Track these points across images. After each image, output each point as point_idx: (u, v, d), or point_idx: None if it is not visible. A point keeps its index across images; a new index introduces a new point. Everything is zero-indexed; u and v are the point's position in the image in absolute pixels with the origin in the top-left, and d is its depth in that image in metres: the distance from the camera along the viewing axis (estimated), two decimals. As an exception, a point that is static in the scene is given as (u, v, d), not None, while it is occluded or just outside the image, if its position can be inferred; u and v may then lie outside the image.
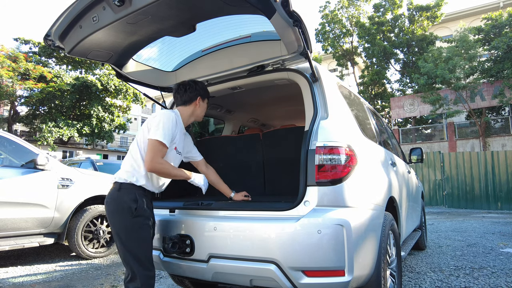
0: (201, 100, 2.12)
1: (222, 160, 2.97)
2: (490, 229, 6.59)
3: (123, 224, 1.79)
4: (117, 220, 1.80)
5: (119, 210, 1.79)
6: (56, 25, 1.89)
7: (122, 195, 1.81)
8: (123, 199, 1.80)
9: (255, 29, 2.22)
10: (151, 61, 2.59)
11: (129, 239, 1.78)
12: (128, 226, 1.78)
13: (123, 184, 1.84)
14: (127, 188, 1.83)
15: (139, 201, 1.81)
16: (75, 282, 3.26)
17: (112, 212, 1.82)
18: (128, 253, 1.77)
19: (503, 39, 15.65)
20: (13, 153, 3.97)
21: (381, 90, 24.85)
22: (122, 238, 1.78)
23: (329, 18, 24.06)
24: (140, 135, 1.93)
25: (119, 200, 1.80)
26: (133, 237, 1.78)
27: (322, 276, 1.66)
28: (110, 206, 1.83)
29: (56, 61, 22.67)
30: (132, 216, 1.78)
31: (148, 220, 1.85)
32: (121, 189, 1.83)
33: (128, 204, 1.78)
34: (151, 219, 1.89)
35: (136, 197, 1.81)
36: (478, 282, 3.11)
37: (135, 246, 1.78)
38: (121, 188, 1.83)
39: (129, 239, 1.78)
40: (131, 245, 1.78)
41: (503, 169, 10.79)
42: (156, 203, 2.38)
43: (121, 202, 1.79)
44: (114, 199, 1.82)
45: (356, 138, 2.09)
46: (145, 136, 1.88)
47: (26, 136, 26.63)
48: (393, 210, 2.50)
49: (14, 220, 3.58)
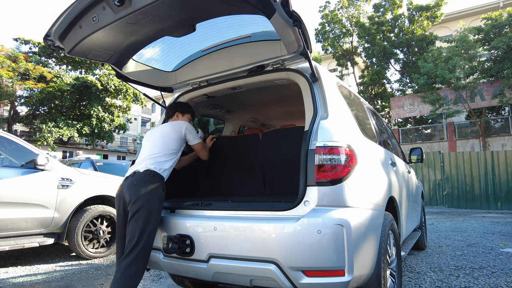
0: (180, 115, 2.58)
1: (222, 160, 2.97)
2: (490, 229, 6.59)
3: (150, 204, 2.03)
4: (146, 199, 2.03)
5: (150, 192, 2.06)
6: (56, 25, 1.89)
7: (155, 180, 2.12)
8: (156, 184, 2.11)
9: (255, 29, 2.22)
10: (151, 61, 2.59)
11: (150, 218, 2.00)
12: (153, 208, 2.03)
13: (156, 173, 2.15)
14: (159, 177, 2.16)
15: (164, 190, 2.17)
16: (75, 282, 3.26)
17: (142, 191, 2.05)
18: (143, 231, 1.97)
19: (503, 39, 15.64)
20: (13, 153, 3.97)
21: (381, 90, 24.86)
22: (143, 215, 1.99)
23: (329, 18, 24.06)
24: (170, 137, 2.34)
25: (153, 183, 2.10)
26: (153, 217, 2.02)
27: (322, 276, 1.66)
28: (140, 187, 2.07)
29: (56, 61, 22.67)
30: (159, 199, 2.09)
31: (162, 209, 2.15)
32: (154, 176, 2.13)
33: (159, 190, 2.11)
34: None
35: (164, 186, 2.17)
36: (478, 282, 3.11)
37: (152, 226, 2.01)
38: (155, 175, 2.14)
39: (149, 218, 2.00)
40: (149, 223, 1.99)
41: (503, 169, 10.79)
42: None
43: (154, 186, 2.09)
44: (147, 182, 2.09)
45: (356, 138, 2.09)
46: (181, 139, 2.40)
47: (26, 136, 26.62)
48: (393, 210, 2.50)
49: (14, 220, 3.58)
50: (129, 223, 2.01)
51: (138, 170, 2.16)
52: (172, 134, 2.36)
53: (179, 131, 2.38)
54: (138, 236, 1.94)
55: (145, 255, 1.98)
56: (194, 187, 3.06)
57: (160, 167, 2.19)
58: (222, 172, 2.85)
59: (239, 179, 2.88)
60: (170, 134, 2.36)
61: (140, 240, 1.94)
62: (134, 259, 1.92)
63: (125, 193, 2.10)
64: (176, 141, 2.35)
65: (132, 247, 1.94)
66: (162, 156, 2.25)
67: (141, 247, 1.94)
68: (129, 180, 2.13)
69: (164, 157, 2.25)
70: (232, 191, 2.87)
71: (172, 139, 2.34)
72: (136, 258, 1.92)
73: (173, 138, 2.34)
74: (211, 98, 2.85)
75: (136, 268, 1.92)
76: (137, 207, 2.00)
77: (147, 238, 1.97)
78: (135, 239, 1.94)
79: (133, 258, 1.92)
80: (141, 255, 1.94)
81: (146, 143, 2.39)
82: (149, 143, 2.37)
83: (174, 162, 2.32)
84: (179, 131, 2.39)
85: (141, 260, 1.95)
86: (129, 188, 2.09)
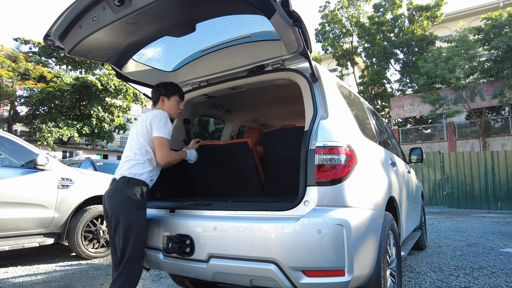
0: (166, 99, 2.25)
1: (221, 160, 2.97)
2: (490, 229, 6.59)
3: (128, 216, 1.93)
4: (122, 211, 1.93)
5: (126, 203, 1.94)
6: (56, 25, 1.89)
7: (130, 188, 1.97)
8: (132, 192, 1.96)
9: (255, 29, 2.22)
10: (151, 61, 2.59)
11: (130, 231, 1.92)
12: (132, 219, 1.94)
13: (132, 179, 1.99)
14: (136, 183, 2.00)
15: (144, 195, 2.02)
16: (75, 282, 3.26)
17: (117, 203, 1.95)
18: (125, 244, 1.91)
19: (503, 39, 15.65)
20: (13, 153, 3.97)
21: (381, 90, 24.86)
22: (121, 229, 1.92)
23: (329, 18, 24.06)
24: (140, 133, 2.10)
25: (128, 192, 1.95)
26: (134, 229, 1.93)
27: (322, 276, 1.66)
28: (115, 198, 1.96)
29: (56, 61, 22.67)
30: (136, 208, 1.95)
31: (145, 214, 2.05)
32: (130, 183, 1.98)
33: (136, 198, 1.96)
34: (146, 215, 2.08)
35: (142, 191, 2.01)
36: (478, 282, 3.11)
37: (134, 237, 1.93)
38: (130, 182, 1.98)
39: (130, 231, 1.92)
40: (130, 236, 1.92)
41: (503, 169, 10.79)
42: (156, 203, 2.38)
43: (130, 195, 1.95)
44: (122, 191, 1.96)
45: (356, 138, 2.09)
46: (149, 134, 2.08)
47: (26, 136, 26.61)
48: (393, 210, 2.50)
49: (14, 220, 3.58)
50: (114, 235, 1.97)
51: (116, 177, 2.06)
52: (141, 129, 2.10)
53: (146, 123, 2.10)
54: (121, 251, 1.91)
55: (133, 267, 1.93)
56: (194, 187, 3.06)
57: (136, 171, 2.01)
58: (221, 172, 2.85)
59: (239, 179, 2.88)
60: (140, 129, 2.11)
61: (124, 254, 1.91)
62: (121, 272, 1.90)
63: (106, 204, 2.03)
64: (146, 136, 2.08)
65: (118, 261, 1.92)
66: (137, 157, 2.05)
67: (126, 261, 1.90)
68: (107, 191, 2.05)
69: (140, 158, 2.04)
70: (232, 191, 2.87)
71: (142, 135, 2.09)
72: (122, 271, 1.89)
73: (143, 133, 2.09)
74: (211, 98, 2.85)
75: (123, 280, 1.89)
76: (115, 221, 1.94)
77: (132, 250, 1.91)
78: (119, 254, 1.92)
79: (120, 271, 1.90)
80: (127, 268, 1.90)
81: (127, 141, 2.21)
82: (128, 141, 2.19)
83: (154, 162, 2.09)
84: (146, 122, 2.10)
85: (129, 271, 1.91)
86: (107, 199, 2.02)
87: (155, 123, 2.07)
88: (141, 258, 1.99)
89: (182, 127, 2.94)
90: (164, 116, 2.10)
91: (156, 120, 2.07)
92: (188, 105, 2.86)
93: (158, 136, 2.05)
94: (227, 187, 2.87)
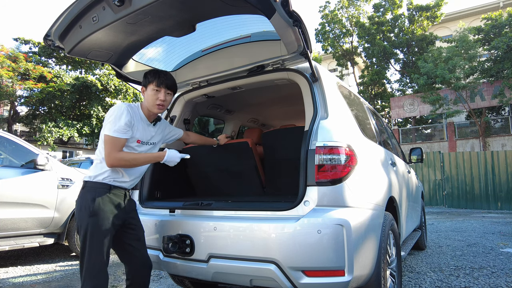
0: (144, 89, 1.92)
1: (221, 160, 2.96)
2: (490, 229, 6.59)
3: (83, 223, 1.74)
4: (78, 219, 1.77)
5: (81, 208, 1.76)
6: (56, 25, 1.89)
7: (85, 192, 1.78)
8: (86, 197, 1.76)
9: (255, 29, 2.22)
10: (151, 61, 2.59)
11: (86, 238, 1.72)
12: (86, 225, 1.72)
13: (88, 182, 1.81)
14: (91, 186, 1.79)
15: (96, 200, 1.74)
16: (75, 282, 3.26)
17: (76, 209, 1.79)
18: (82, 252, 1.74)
19: (503, 39, 15.64)
20: (13, 153, 3.97)
21: (381, 90, 24.86)
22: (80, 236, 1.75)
23: (329, 18, 24.06)
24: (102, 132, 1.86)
25: (83, 197, 1.77)
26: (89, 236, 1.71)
27: (322, 276, 1.66)
28: (76, 203, 1.82)
29: (56, 61, 22.66)
30: (89, 215, 1.72)
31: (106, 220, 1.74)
32: (85, 187, 1.80)
33: (88, 203, 1.74)
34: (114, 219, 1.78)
35: (95, 195, 1.75)
36: (478, 282, 3.11)
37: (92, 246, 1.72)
38: (85, 186, 1.80)
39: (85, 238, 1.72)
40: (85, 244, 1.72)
41: (503, 169, 10.79)
42: (156, 203, 2.38)
43: (85, 200, 1.76)
44: (79, 196, 1.80)
45: (356, 138, 2.09)
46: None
47: (26, 136, 26.60)
48: (393, 210, 2.50)
49: (14, 220, 3.58)
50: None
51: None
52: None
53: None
54: (80, 260, 1.75)
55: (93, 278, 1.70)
56: (194, 187, 3.06)
57: (93, 172, 1.81)
58: (222, 172, 2.85)
59: (239, 179, 2.88)
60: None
61: (82, 264, 1.73)
62: (82, 284, 1.72)
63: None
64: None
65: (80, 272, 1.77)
66: (97, 156, 1.85)
67: (84, 272, 1.72)
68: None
69: (98, 157, 1.84)
70: (232, 191, 2.87)
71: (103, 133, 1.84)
72: (83, 283, 1.71)
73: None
74: (211, 98, 2.85)
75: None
76: (77, 227, 1.83)
77: (88, 261, 1.71)
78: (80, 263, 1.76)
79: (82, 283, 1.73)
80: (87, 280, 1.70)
81: None
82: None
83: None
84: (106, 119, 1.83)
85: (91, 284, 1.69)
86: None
87: (105, 119, 1.80)
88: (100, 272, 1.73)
89: (182, 127, 2.94)
90: (118, 109, 1.78)
91: (107, 115, 1.79)
92: (188, 105, 2.86)
93: (103, 133, 1.77)
94: (227, 187, 2.87)
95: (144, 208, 2.35)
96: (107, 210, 1.75)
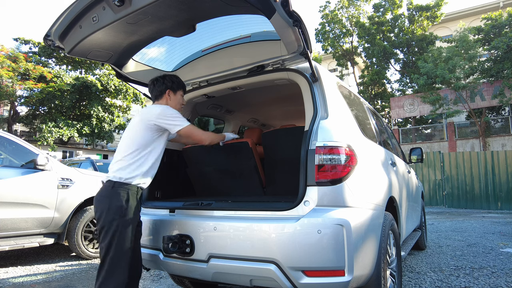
0: (172, 93, 2.13)
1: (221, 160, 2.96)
2: (490, 229, 6.59)
3: (111, 224, 1.81)
4: (105, 219, 1.83)
5: (110, 209, 1.82)
6: (56, 25, 1.89)
7: (115, 193, 1.85)
8: (117, 198, 1.83)
9: (255, 29, 2.22)
10: (151, 61, 2.59)
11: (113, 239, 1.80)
12: (115, 227, 1.81)
13: (118, 183, 1.87)
14: (121, 187, 1.87)
15: (130, 201, 1.86)
16: (75, 282, 3.26)
17: (102, 209, 1.85)
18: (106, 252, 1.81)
19: (503, 39, 15.64)
20: (13, 153, 3.97)
21: (381, 90, 24.85)
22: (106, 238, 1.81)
23: (329, 18, 24.06)
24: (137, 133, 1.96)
25: (113, 198, 1.84)
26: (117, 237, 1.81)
27: (322, 276, 1.66)
28: (101, 203, 1.87)
29: (56, 61, 22.66)
30: (120, 215, 1.82)
31: (134, 221, 1.88)
32: (114, 188, 1.86)
33: (121, 204, 1.83)
34: (137, 219, 1.93)
35: (128, 197, 1.86)
36: (478, 282, 3.11)
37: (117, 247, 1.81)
38: (115, 187, 1.86)
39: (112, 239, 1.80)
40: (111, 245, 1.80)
41: (503, 169, 10.79)
42: (156, 203, 2.38)
43: (115, 201, 1.83)
44: (107, 196, 1.85)
45: (356, 138, 2.09)
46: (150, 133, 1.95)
47: (26, 136, 26.59)
48: (393, 210, 2.50)
49: (14, 220, 3.58)
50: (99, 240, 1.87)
51: (103, 180, 1.95)
52: (139, 126, 1.96)
53: (147, 121, 1.94)
54: (102, 260, 1.82)
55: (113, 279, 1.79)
56: (194, 187, 3.05)
57: (122, 175, 1.87)
58: (222, 172, 2.85)
59: (239, 179, 2.88)
60: (136, 127, 1.97)
61: (103, 264, 1.80)
62: (101, 284, 1.78)
63: (94, 207, 1.94)
64: (144, 135, 1.94)
65: (98, 271, 1.83)
66: (128, 159, 1.90)
67: (105, 272, 1.79)
68: (96, 194, 1.95)
69: (130, 160, 1.90)
70: (232, 191, 2.87)
71: (138, 134, 1.94)
72: (102, 283, 1.78)
73: (140, 132, 1.94)
74: (211, 98, 2.85)
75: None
76: (100, 226, 1.85)
77: (112, 261, 1.79)
78: (101, 262, 1.83)
79: (100, 283, 1.79)
80: (108, 280, 1.78)
81: (121, 139, 2.06)
82: (121, 140, 2.04)
83: (150, 162, 1.96)
84: (147, 120, 1.94)
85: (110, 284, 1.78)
86: (94, 204, 1.93)
87: (168, 118, 1.93)
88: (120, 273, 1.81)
89: None
90: (174, 109, 2.02)
91: (167, 115, 1.94)
92: (188, 105, 2.86)
93: (183, 127, 1.96)
94: (227, 187, 2.87)
95: (144, 208, 2.35)
96: (135, 211, 1.89)
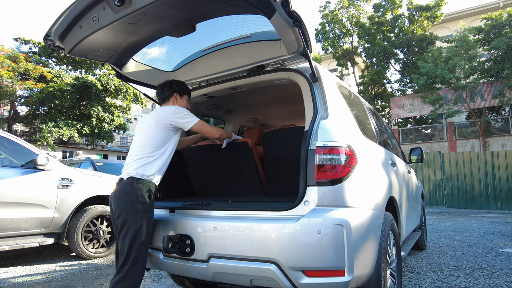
0: (178, 96, 2.28)
1: (221, 160, 2.96)
2: (490, 229, 6.59)
3: (134, 219, 1.90)
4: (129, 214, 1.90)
5: (133, 204, 1.91)
6: (56, 25, 1.89)
7: (138, 189, 1.94)
8: (140, 194, 1.93)
9: (255, 29, 2.22)
10: (151, 61, 2.59)
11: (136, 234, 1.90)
12: (138, 221, 1.90)
13: (140, 180, 1.96)
14: (143, 184, 1.97)
15: (152, 197, 1.99)
16: (75, 282, 3.26)
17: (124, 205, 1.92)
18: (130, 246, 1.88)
19: (503, 39, 15.64)
20: (13, 153, 3.96)
21: (381, 90, 24.86)
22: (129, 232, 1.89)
23: (329, 18, 24.06)
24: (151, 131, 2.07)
25: (136, 194, 1.93)
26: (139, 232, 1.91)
27: (322, 276, 1.66)
28: (122, 199, 1.94)
29: (56, 61, 22.67)
30: (144, 210, 1.93)
31: (152, 216, 2.02)
32: (137, 184, 1.95)
33: (143, 200, 1.93)
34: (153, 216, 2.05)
35: (150, 193, 1.98)
36: (478, 282, 3.11)
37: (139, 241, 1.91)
38: (138, 183, 1.95)
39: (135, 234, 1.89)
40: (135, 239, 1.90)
41: (503, 169, 10.79)
42: (156, 203, 2.37)
43: (138, 197, 1.92)
44: (129, 193, 1.93)
45: (356, 138, 2.09)
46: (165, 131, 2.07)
47: (26, 136, 26.61)
48: (393, 210, 2.50)
49: (14, 220, 3.58)
50: (118, 236, 1.94)
51: (123, 177, 2.02)
52: (155, 126, 2.08)
53: (163, 121, 2.07)
54: (126, 253, 1.88)
55: (135, 271, 1.89)
56: (194, 187, 3.05)
57: (144, 172, 1.98)
58: (221, 172, 2.85)
59: (239, 179, 2.88)
60: (152, 127, 2.09)
61: (128, 258, 1.87)
62: (124, 276, 1.86)
63: (112, 204, 2.01)
64: (160, 134, 2.06)
65: (121, 264, 1.88)
66: (147, 157, 2.02)
67: (129, 265, 1.87)
68: (115, 190, 2.02)
69: (149, 158, 2.02)
70: (232, 191, 2.87)
71: (155, 133, 2.06)
72: (125, 275, 1.86)
73: (157, 131, 2.07)
74: (211, 98, 2.85)
75: (127, 285, 1.86)
76: (121, 223, 1.91)
77: (136, 254, 1.89)
78: (123, 257, 1.88)
79: (122, 275, 1.86)
80: (130, 272, 1.87)
81: (135, 138, 2.18)
82: (136, 139, 2.15)
83: (164, 160, 2.08)
84: (163, 120, 2.07)
85: (134, 275, 1.88)
86: (113, 200, 1.99)
87: (180, 117, 2.08)
88: (142, 265, 1.95)
89: None
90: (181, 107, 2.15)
91: (180, 113, 2.09)
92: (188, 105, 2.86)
93: (196, 122, 2.12)
94: (227, 187, 2.87)
95: (144, 208, 2.35)
96: (153, 208, 2.02)
